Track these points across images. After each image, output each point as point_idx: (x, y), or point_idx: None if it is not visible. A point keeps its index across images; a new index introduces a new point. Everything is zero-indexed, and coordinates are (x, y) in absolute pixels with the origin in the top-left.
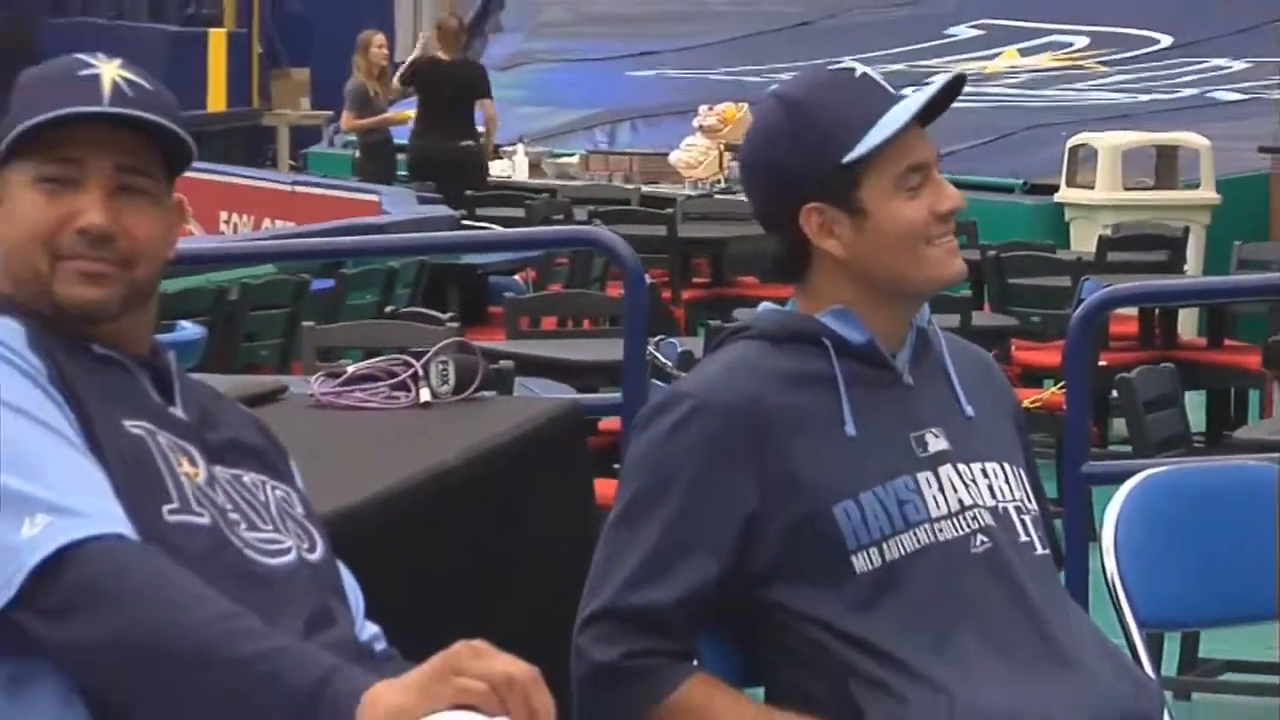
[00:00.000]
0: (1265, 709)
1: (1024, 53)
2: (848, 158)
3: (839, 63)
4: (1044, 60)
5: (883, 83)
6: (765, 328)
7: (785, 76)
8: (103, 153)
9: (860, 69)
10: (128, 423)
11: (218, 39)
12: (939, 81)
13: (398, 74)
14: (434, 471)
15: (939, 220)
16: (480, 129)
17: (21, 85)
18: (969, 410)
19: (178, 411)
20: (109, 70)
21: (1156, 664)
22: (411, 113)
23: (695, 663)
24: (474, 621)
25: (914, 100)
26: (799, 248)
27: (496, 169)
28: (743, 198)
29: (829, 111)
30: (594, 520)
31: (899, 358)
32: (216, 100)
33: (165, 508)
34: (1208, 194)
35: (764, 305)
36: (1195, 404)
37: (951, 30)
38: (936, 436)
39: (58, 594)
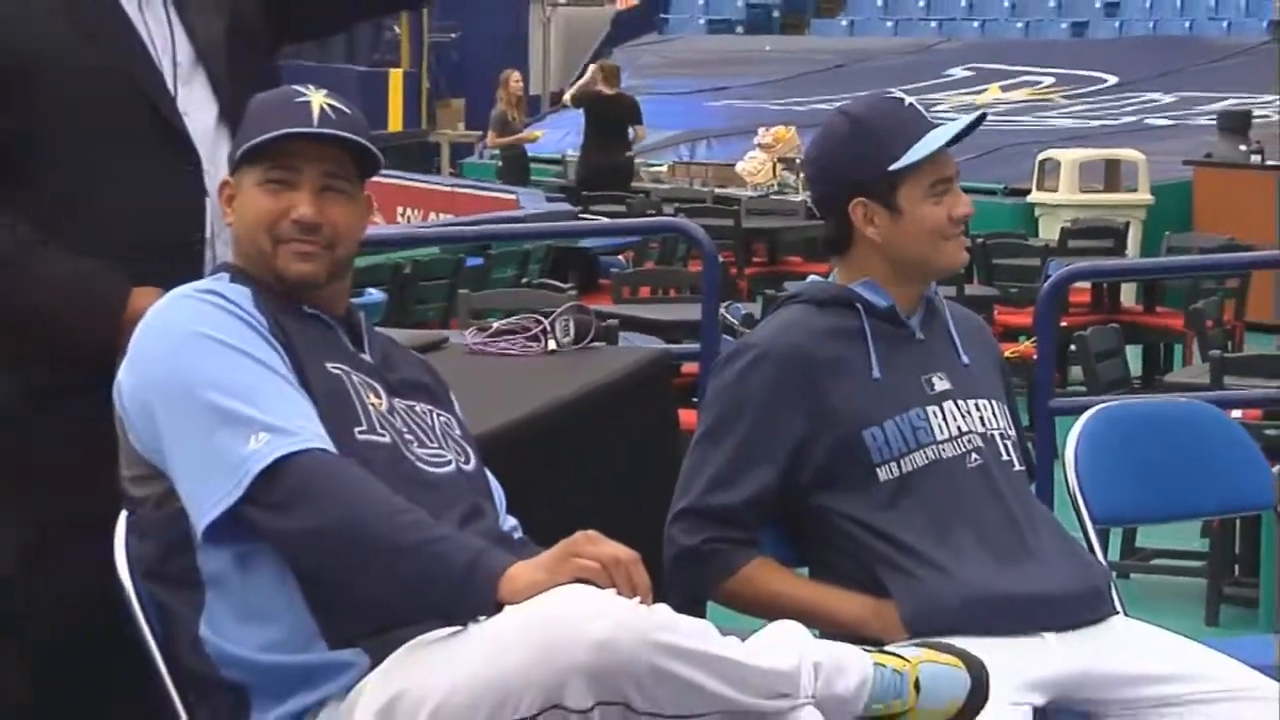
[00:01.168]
0: (1184, 584)
1: (1004, 89)
2: (893, 167)
3: (891, 93)
4: (1019, 94)
5: (923, 111)
6: (812, 295)
7: (825, 106)
8: (312, 161)
9: (908, 99)
10: (329, 365)
11: (396, 77)
12: (970, 117)
13: (569, 95)
14: (558, 402)
15: (954, 223)
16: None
17: (251, 109)
18: (965, 359)
19: (366, 357)
20: (317, 99)
21: (1104, 551)
22: (540, 133)
23: (758, 548)
24: (589, 515)
25: (949, 129)
26: (845, 231)
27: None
28: (791, 198)
29: (882, 129)
30: (678, 441)
31: (912, 319)
32: (395, 123)
33: (356, 429)
34: (1144, 196)
35: (811, 278)
36: (1134, 355)
37: (949, 71)
38: (941, 379)
39: (276, 493)
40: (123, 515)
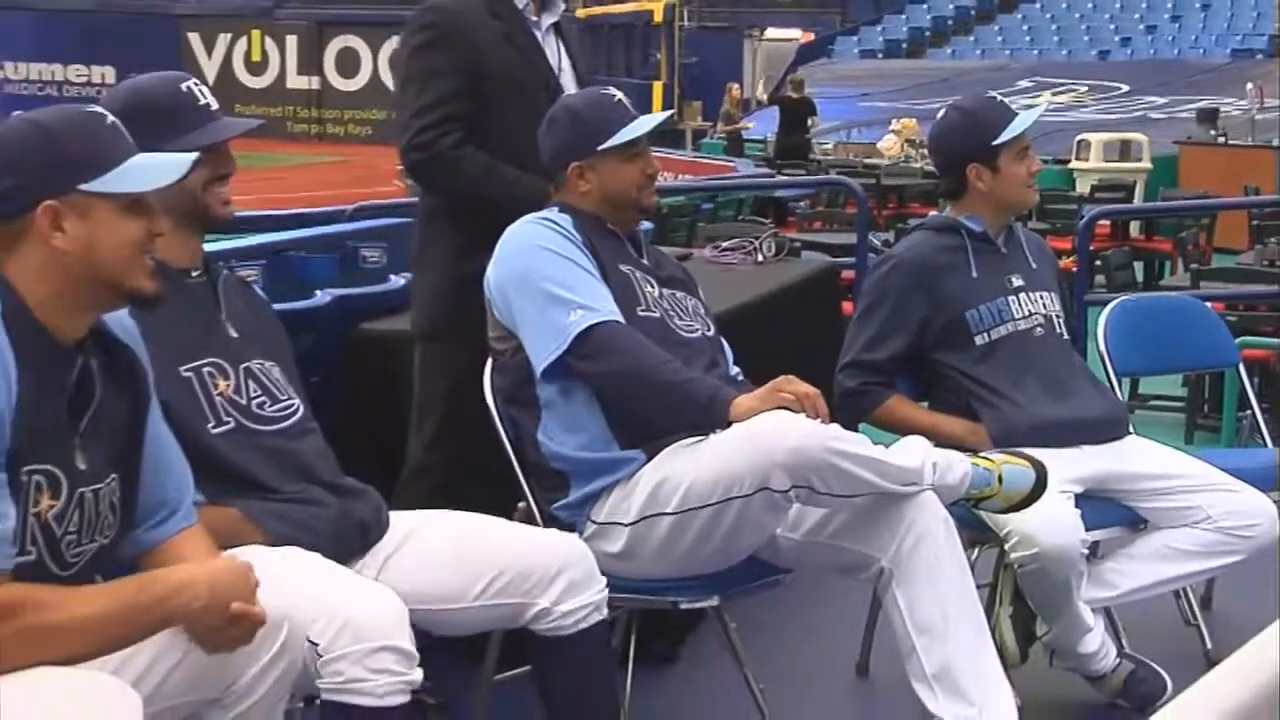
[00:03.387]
0: (1170, 417)
1: (1054, 94)
2: (995, 141)
3: (988, 94)
4: (1065, 98)
5: (1008, 104)
6: (931, 224)
7: (936, 105)
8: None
9: (998, 96)
10: (620, 266)
11: (658, 87)
12: (1041, 108)
13: (767, 99)
14: (764, 293)
15: (1031, 175)
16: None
17: (586, 109)
18: (1033, 265)
19: (645, 261)
20: (620, 97)
21: (1121, 393)
22: (750, 124)
23: (895, 389)
24: (785, 366)
25: (1031, 114)
26: (961, 186)
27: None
28: (913, 165)
29: (986, 117)
30: (840, 321)
31: (998, 239)
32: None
33: (638, 308)
34: (1146, 164)
35: (931, 213)
36: (1139, 268)
37: (1018, 83)
38: (1017, 278)
39: (586, 349)
40: (489, 361)
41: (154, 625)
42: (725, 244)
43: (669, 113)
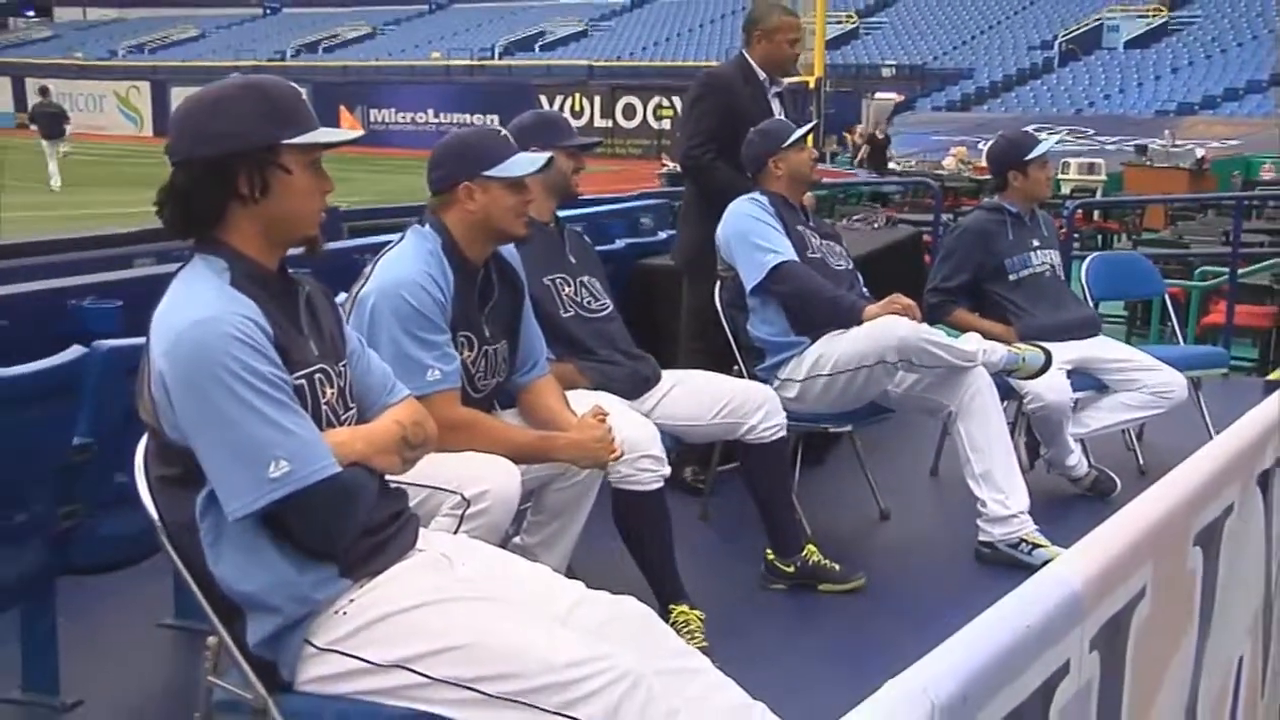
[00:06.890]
0: (1116, 328)
1: (1050, 133)
2: (1026, 158)
3: (1022, 129)
4: (1055, 137)
5: (1037, 134)
6: (985, 206)
7: (976, 139)
8: None
9: (1032, 130)
10: (798, 227)
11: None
12: (1054, 139)
13: (866, 138)
14: (878, 247)
15: (1048, 180)
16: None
17: (765, 128)
18: (1045, 233)
19: (811, 224)
20: (783, 119)
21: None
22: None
23: (959, 304)
24: (893, 288)
25: (1048, 142)
26: (1003, 183)
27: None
28: (964, 175)
29: (1019, 141)
30: (922, 265)
31: (1026, 217)
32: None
33: (808, 252)
34: (1103, 177)
35: (985, 199)
36: (1100, 238)
37: (1028, 127)
38: (1036, 241)
39: (776, 277)
40: (717, 282)
41: (542, 459)
42: (855, 218)
43: (813, 123)
